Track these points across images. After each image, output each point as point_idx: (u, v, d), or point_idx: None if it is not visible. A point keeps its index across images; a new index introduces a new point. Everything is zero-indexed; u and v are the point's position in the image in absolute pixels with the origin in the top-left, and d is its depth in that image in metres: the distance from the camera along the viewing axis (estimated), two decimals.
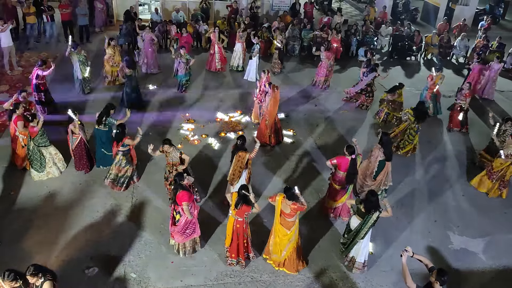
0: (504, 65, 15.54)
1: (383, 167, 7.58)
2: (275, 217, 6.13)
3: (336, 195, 7.35)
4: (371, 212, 5.95)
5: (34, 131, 7.60)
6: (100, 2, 15.67)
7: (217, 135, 9.92)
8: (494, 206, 8.28)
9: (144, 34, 12.60)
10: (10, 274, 4.55)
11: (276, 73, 13.43)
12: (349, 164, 6.93)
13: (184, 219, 6.13)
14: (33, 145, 7.69)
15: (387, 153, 7.50)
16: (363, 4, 23.03)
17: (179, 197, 5.99)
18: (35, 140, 7.69)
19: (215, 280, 6.25)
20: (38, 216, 7.12)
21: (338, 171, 7.14)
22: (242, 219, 6.09)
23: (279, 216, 6.06)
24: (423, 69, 15.31)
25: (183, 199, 5.96)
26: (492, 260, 7.00)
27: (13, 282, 4.55)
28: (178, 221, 6.18)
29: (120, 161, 7.66)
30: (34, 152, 7.73)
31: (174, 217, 6.23)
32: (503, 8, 22.48)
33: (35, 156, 7.75)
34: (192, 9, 17.12)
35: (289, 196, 5.86)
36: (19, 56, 13.01)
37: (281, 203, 5.96)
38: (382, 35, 16.43)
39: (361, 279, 6.45)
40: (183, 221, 6.14)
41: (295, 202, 5.86)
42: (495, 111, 12.20)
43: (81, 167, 8.24)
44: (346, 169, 6.99)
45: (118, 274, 6.21)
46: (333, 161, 7.08)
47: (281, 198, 5.95)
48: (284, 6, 18.28)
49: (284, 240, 6.15)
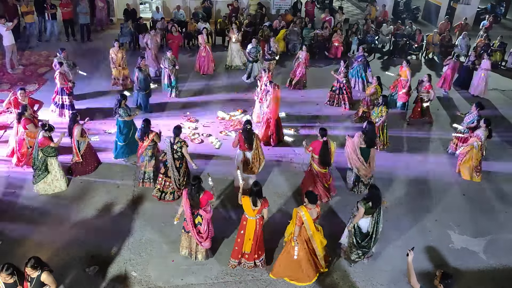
0: (505, 64, 15.61)
1: (368, 154, 7.76)
2: (311, 230, 5.85)
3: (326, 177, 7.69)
4: (380, 204, 6.02)
5: (45, 142, 7.28)
6: (101, 1, 15.69)
7: (218, 134, 9.92)
8: (494, 206, 8.27)
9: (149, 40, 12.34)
10: (8, 268, 4.59)
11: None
12: (321, 146, 7.22)
13: (205, 223, 6.06)
14: (42, 155, 7.40)
15: (367, 140, 7.70)
16: (364, 3, 23.00)
17: (204, 198, 5.95)
18: (45, 150, 7.35)
19: (215, 278, 6.26)
20: (38, 215, 7.13)
21: (314, 156, 7.43)
22: (261, 216, 6.04)
23: (313, 225, 5.87)
24: (424, 68, 15.29)
25: (209, 198, 6.00)
26: (492, 259, 7.00)
27: (9, 276, 4.60)
28: (200, 225, 6.08)
29: (148, 157, 7.74)
30: (41, 162, 7.41)
31: (194, 222, 6.07)
32: (505, 7, 22.46)
33: (41, 166, 7.42)
34: (193, 7, 17.13)
35: (312, 200, 5.76)
36: (20, 55, 13.03)
37: (308, 213, 5.77)
38: (383, 34, 16.42)
39: (361, 278, 6.45)
40: (205, 224, 6.07)
41: (318, 204, 5.89)
42: (492, 110, 12.24)
43: (87, 171, 8.18)
44: (319, 151, 7.29)
45: (118, 272, 6.22)
46: (309, 148, 7.41)
47: (305, 211, 5.75)
48: (286, 5, 18.26)
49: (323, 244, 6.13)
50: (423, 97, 10.68)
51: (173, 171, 7.45)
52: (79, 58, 13.27)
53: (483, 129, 8.56)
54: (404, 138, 10.40)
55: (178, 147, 7.27)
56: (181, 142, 7.28)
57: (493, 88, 13.61)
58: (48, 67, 12.63)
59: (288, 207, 7.67)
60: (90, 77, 11.65)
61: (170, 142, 7.28)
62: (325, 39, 15.29)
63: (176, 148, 7.29)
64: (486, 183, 8.94)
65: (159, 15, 15.36)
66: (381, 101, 9.30)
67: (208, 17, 16.23)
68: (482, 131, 8.55)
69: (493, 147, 9.97)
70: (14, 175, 8.06)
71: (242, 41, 14.29)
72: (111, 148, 8.78)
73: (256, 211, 5.93)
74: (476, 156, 8.64)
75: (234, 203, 7.40)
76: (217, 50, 13.43)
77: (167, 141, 7.31)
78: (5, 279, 4.62)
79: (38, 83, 11.66)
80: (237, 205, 6.21)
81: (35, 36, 14.35)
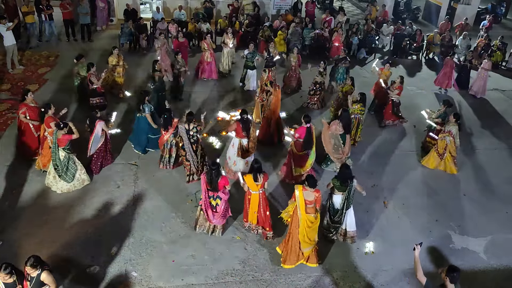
0: (506, 64, 15.61)
1: (345, 139, 8.31)
2: (300, 210, 6.17)
3: (301, 161, 8.12)
4: (350, 182, 6.50)
5: (65, 139, 7.32)
6: (102, 1, 15.68)
7: (218, 134, 9.92)
8: (495, 206, 8.27)
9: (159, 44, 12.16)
10: (6, 268, 4.59)
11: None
12: (306, 132, 7.85)
13: (223, 203, 6.60)
14: (64, 154, 7.42)
15: (344, 126, 8.23)
16: (364, 3, 22.99)
17: (221, 183, 6.48)
18: (66, 148, 7.42)
19: (216, 279, 6.26)
20: (39, 215, 7.13)
21: (299, 140, 7.99)
22: (263, 189, 6.62)
23: (304, 206, 6.17)
24: (425, 68, 15.29)
25: (226, 183, 6.53)
26: (493, 259, 7.00)
27: (8, 276, 4.60)
28: (217, 206, 6.59)
29: (171, 142, 8.18)
30: (64, 162, 7.42)
31: (212, 204, 6.57)
32: (505, 7, 22.43)
33: (65, 165, 7.46)
34: (193, 8, 17.11)
35: (312, 184, 6.09)
36: (21, 55, 13.03)
37: (303, 193, 6.15)
38: (384, 34, 16.41)
39: (361, 278, 6.45)
40: (223, 205, 6.61)
41: (318, 190, 6.20)
42: (493, 110, 12.24)
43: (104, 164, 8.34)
44: (304, 137, 7.87)
45: (119, 272, 6.22)
46: (296, 134, 7.98)
47: (300, 189, 6.17)
48: (286, 5, 18.26)
49: (313, 227, 6.27)
50: (394, 99, 10.53)
51: (191, 155, 7.90)
52: None
53: (453, 124, 8.78)
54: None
55: (194, 132, 7.76)
56: (196, 126, 7.77)
57: (494, 88, 13.61)
58: (49, 67, 12.65)
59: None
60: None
61: (185, 128, 7.71)
62: (325, 39, 15.28)
63: (192, 133, 7.77)
64: (487, 184, 8.95)
65: (160, 16, 15.35)
66: (359, 98, 9.38)
67: (209, 17, 16.22)
68: (452, 126, 8.77)
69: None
70: (16, 174, 8.07)
71: (243, 41, 14.30)
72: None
73: (259, 186, 6.54)
74: (450, 150, 8.91)
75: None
76: (218, 51, 13.39)
77: (182, 128, 7.72)
78: (4, 279, 4.62)
79: (39, 84, 11.65)
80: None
81: (35, 37, 14.35)
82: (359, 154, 9.54)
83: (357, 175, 8.64)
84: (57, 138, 7.25)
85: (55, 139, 7.25)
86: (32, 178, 7.97)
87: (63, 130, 7.29)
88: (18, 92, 10.97)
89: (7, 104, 10.42)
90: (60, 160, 7.39)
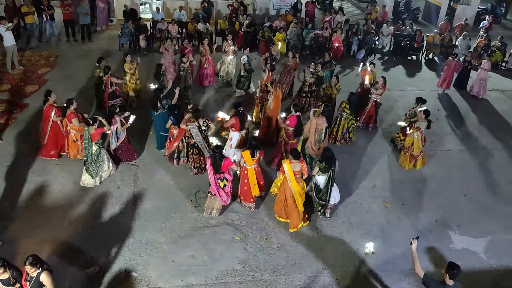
0: (506, 64, 15.62)
1: (326, 134, 8.70)
2: (291, 181, 6.90)
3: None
4: (333, 164, 7.04)
5: (98, 133, 7.54)
6: (102, 1, 15.68)
7: (218, 135, 9.91)
8: (495, 206, 8.27)
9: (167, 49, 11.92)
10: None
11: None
12: (296, 120, 8.23)
13: (229, 184, 7.09)
14: (96, 148, 7.64)
15: (328, 120, 8.70)
16: (364, 4, 23.00)
17: (225, 164, 6.89)
18: (98, 143, 7.65)
19: (215, 279, 6.26)
20: (39, 216, 7.12)
21: (289, 129, 8.34)
22: (258, 164, 7.36)
23: (294, 177, 6.92)
24: (425, 68, 15.30)
25: (229, 164, 6.96)
26: (493, 259, 7.00)
27: (1, 269, 4.61)
28: (225, 187, 7.05)
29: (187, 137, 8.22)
30: (94, 155, 7.64)
31: (219, 185, 6.99)
32: (505, 8, 22.44)
33: (95, 159, 7.67)
34: (193, 8, 17.12)
35: (296, 156, 6.88)
36: (20, 55, 13.02)
37: (290, 166, 6.89)
38: (384, 35, 16.41)
39: (362, 278, 6.46)
40: (229, 186, 7.11)
41: (303, 159, 6.99)
42: (493, 110, 12.24)
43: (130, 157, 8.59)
44: (295, 125, 8.23)
45: (119, 273, 6.22)
46: (287, 122, 8.31)
47: (288, 163, 6.91)
48: (286, 5, 18.26)
49: (302, 193, 7.05)
50: (378, 100, 10.36)
51: (206, 149, 8.17)
52: (80, 58, 13.31)
53: (422, 120, 8.82)
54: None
55: (205, 126, 8.04)
56: (205, 122, 8.03)
57: (494, 88, 13.61)
58: (49, 67, 12.65)
59: None
60: (91, 77, 11.64)
61: (197, 125, 7.91)
62: (325, 39, 15.28)
63: (204, 128, 8.03)
64: (487, 184, 8.96)
65: (159, 16, 15.35)
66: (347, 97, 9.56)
67: (208, 17, 16.22)
68: (421, 122, 8.82)
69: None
70: (16, 174, 8.07)
71: (243, 42, 14.29)
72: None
73: (255, 160, 7.25)
74: (417, 145, 8.95)
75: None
76: (217, 51, 13.37)
77: (193, 127, 7.91)
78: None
79: (39, 84, 11.65)
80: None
81: (35, 37, 14.35)
82: (358, 153, 9.55)
83: (356, 175, 8.77)
84: (89, 133, 7.50)
85: (87, 135, 7.54)
86: (32, 178, 7.96)
87: (94, 125, 7.51)
88: (18, 93, 11.01)
89: (7, 104, 10.41)
90: (91, 155, 7.63)
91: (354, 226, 7.46)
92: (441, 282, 4.87)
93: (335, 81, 10.36)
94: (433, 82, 13.77)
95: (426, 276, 4.94)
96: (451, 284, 4.80)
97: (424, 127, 8.84)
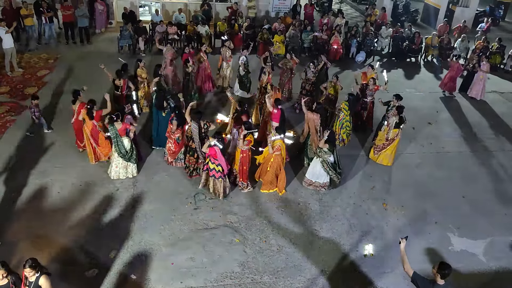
0: (504, 66, 15.64)
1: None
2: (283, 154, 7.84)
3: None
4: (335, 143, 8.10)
5: (124, 128, 7.79)
6: (101, 4, 15.70)
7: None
8: (494, 208, 8.28)
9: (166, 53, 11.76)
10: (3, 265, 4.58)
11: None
12: (280, 115, 8.55)
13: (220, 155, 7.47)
14: (128, 139, 7.90)
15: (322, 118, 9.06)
16: (363, 6, 23.04)
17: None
18: (127, 135, 7.91)
19: (215, 281, 6.25)
20: (38, 218, 7.12)
21: (273, 123, 8.60)
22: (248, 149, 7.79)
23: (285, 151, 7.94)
24: (423, 70, 15.32)
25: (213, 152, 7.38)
26: (492, 261, 7.00)
27: (5, 273, 4.59)
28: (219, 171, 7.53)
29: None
30: (129, 146, 7.93)
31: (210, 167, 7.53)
32: (503, 10, 22.49)
33: (131, 150, 7.97)
34: (192, 10, 17.14)
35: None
36: (20, 58, 13.03)
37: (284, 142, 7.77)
38: (383, 37, 16.44)
39: (361, 280, 6.45)
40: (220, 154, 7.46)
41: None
42: (492, 112, 12.27)
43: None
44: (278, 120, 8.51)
45: (118, 275, 6.21)
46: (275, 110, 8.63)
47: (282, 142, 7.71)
48: (285, 7, 18.30)
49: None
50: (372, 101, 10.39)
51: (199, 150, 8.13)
52: (79, 61, 13.31)
53: (394, 115, 8.92)
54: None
55: (205, 128, 8.11)
56: (206, 123, 8.13)
57: (492, 90, 13.64)
58: (48, 70, 12.65)
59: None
60: (90, 79, 11.63)
61: (198, 127, 7.99)
62: (324, 41, 15.30)
63: (204, 130, 8.10)
64: (486, 186, 8.96)
65: (159, 18, 15.37)
66: (346, 97, 9.59)
67: (207, 20, 16.24)
68: (392, 116, 8.97)
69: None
70: (16, 176, 8.06)
71: (242, 43, 14.28)
72: None
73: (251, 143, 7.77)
74: (381, 137, 9.19)
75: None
76: (217, 53, 13.37)
77: (194, 127, 7.96)
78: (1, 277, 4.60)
79: (38, 86, 11.65)
80: None
81: (34, 39, 14.35)
82: (357, 155, 9.55)
83: (356, 177, 8.79)
84: (117, 130, 7.68)
85: (115, 132, 7.68)
86: (31, 181, 7.95)
87: (118, 121, 7.63)
88: (17, 95, 11.01)
89: (6, 106, 10.41)
90: (125, 148, 7.86)
91: (354, 228, 7.46)
92: (431, 281, 4.86)
93: (335, 81, 10.38)
94: (432, 84, 13.79)
95: (416, 274, 4.94)
96: (441, 283, 4.80)
97: (392, 122, 8.91)
